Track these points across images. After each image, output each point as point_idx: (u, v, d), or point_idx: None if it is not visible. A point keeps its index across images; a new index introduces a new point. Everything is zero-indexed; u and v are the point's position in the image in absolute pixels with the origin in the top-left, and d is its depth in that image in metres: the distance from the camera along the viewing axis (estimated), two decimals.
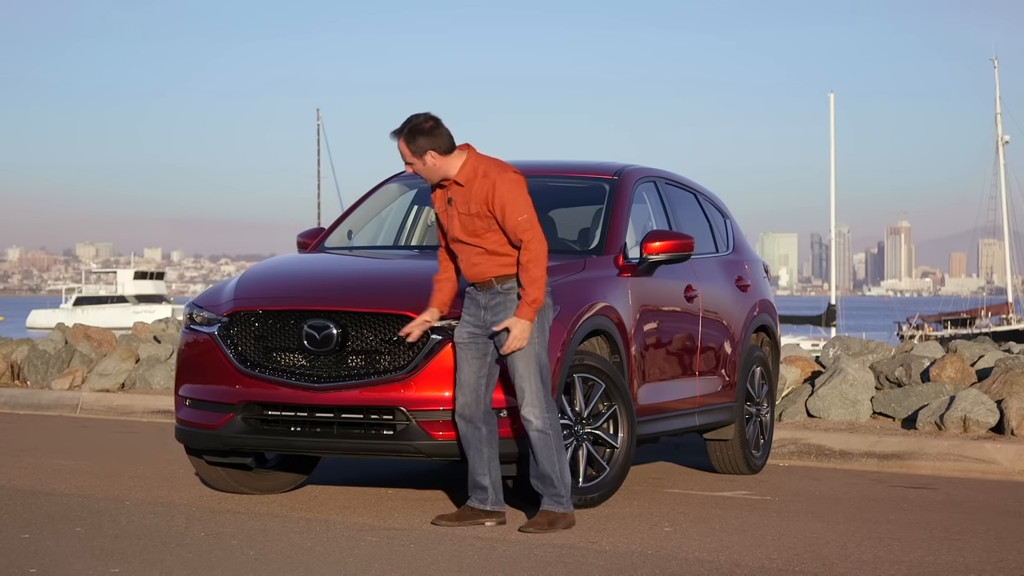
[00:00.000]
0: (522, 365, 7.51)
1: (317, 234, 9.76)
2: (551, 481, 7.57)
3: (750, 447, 10.22)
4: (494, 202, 7.49)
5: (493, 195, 7.49)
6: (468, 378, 7.65)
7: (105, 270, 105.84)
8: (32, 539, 7.09)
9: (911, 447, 10.77)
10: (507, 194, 7.49)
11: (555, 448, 7.56)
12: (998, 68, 69.82)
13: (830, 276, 61.81)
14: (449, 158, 7.60)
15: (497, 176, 7.53)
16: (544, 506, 7.61)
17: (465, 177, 7.60)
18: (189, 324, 8.48)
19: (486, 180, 7.54)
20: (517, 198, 7.50)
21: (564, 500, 7.58)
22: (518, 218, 7.47)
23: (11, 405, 15.39)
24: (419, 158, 7.58)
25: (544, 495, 7.61)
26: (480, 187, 7.54)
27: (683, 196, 10.28)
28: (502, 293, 7.59)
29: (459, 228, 7.61)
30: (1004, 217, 70.38)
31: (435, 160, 7.58)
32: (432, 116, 7.62)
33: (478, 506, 7.72)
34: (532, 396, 7.52)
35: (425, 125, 7.56)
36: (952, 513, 8.56)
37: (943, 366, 12.12)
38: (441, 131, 7.58)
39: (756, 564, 6.74)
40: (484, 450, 7.70)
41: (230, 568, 6.45)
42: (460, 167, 7.61)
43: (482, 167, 7.60)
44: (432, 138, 7.56)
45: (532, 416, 7.52)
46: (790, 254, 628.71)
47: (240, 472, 8.66)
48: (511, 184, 7.52)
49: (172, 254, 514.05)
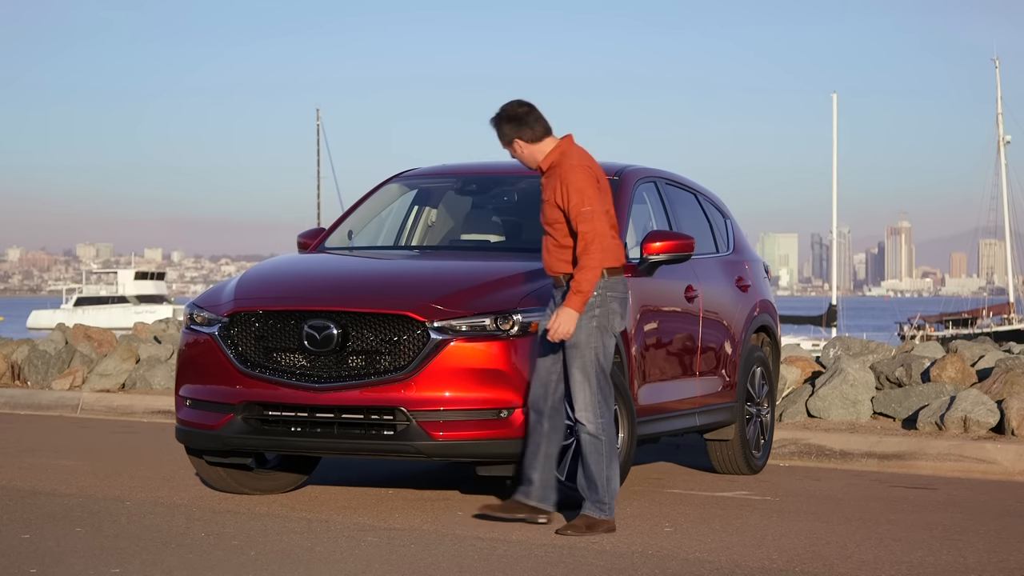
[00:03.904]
0: (578, 369, 7.49)
1: (317, 234, 9.76)
2: (596, 487, 7.52)
3: (750, 447, 10.21)
4: (562, 192, 7.51)
5: (561, 185, 7.52)
6: (540, 372, 7.67)
7: (106, 270, 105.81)
8: (32, 539, 7.09)
9: (911, 447, 10.76)
10: (573, 184, 7.50)
11: (605, 455, 7.52)
12: (999, 68, 69.84)
13: (830, 276, 61.82)
14: (538, 146, 7.66)
15: (568, 167, 7.56)
16: (585, 510, 7.54)
17: (548, 165, 7.67)
18: (189, 324, 8.48)
19: (558, 170, 7.58)
20: (583, 189, 7.49)
21: (606, 507, 7.52)
22: (581, 208, 7.47)
23: (11, 405, 15.39)
24: (508, 145, 7.68)
25: (587, 499, 7.55)
26: (555, 176, 7.59)
27: (683, 196, 10.27)
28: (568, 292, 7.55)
29: (542, 216, 7.66)
30: (1005, 217, 70.34)
31: (522, 148, 7.67)
32: (525, 103, 7.70)
33: (522, 499, 7.69)
34: (586, 401, 7.49)
35: (514, 112, 7.65)
36: (952, 513, 8.56)
37: (943, 366, 12.12)
38: (530, 119, 7.63)
39: (756, 564, 6.74)
40: (541, 444, 7.68)
41: (230, 568, 6.45)
42: (547, 155, 7.66)
43: (563, 157, 7.62)
44: (518, 126, 7.63)
45: (585, 420, 7.50)
46: (790, 254, 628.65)
47: (240, 472, 8.66)
48: (579, 175, 7.52)
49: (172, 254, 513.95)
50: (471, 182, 10.08)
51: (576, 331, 7.44)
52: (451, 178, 10.19)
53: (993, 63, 69.95)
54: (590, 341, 7.47)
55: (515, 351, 7.90)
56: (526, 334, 7.94)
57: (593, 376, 7.48)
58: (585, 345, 7.47)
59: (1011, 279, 71.49)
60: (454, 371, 7.85)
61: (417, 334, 7.89)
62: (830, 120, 61.70)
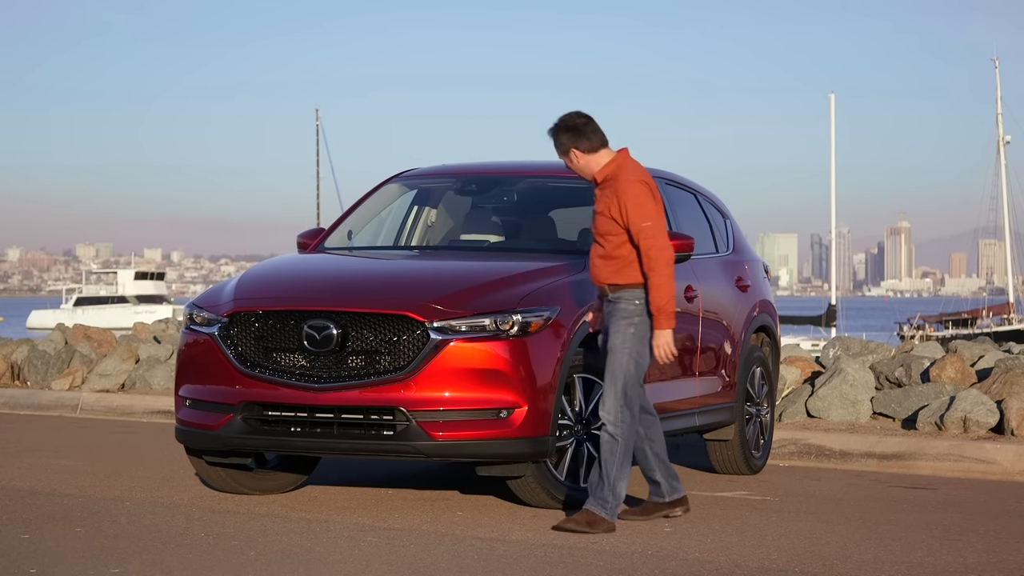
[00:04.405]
0: (610, 372, 7.70)
1: (317, 234, 9.76)
2: (603, 485, 7.64)
3: (750, 447, 10.21)
4: (620, 207, 7.64)
5: (618, 199, 7.64)
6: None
7: (105, 270, 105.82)
8: (32, 539, 7.09)
9: (911, 447, 10.77)
10: (632, 200, 7.63)
11: (619, 457, 7.65)
12: (999, 68, 69.84)
13: (830, 276, 61.81)
14: (594, 157, 7.79)
15: (625, 181, 7.69)
16: (588, 505, 7.65)
17: (603, 177, 7.79)
18: (189, 324, 8.48)
19: (615, 183, 7.70)
20: (643, 204, 7.64)
21: (609, 507, 7.63)
22: (642, 224, 7.62)
23: (11, 405, 15.38)
24: (565, 156, 7.82)
25: (592, 495, 7.67)
26: (610, 189, 7.71)
27: (683, 196, 10.27)
28: (611, 302, 7.78)
29: (594, 226, 7.82)
30: (1005, 217, 70.34)
31: (578, 158, 7.80)
32: (584, 114, 7.83)
33: (657, 499, 7.97)
34: (611, 402, 7.68)
35: (572, 122, 7.79)
36: (952, 513, 8.56)
37: (943, 366, 12.12)
38: (587, 130, 7.77)
39: (756, 564, 6.74)
40: (646, 448, 7.92)
41: (230, 568, 6.45)
42: (603, 167, 7.78)
43: (616, 171, 7.75)
44: (576, 136, 7.77)
45: (607, 420, 7.69)
46: (790, 254, 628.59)
47: (240, 472, 8.66)
48: (636, 189, 7.66)
49: (172, 254, 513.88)
50: (471, 182, 10.08)
51: (614, 335, 7.68)
52: (451, 178, 10.19)
53: (993, 63, 69.98)
54: (625, 346, 7.68)
55: (515, 351, 7.90)
56: (526, 334, 7.95)
57: (621, 380, 7.66)
58: (620, 350, 7.68)
59: (1011, 279, 71.49)
60: (454, 371, 7.85)
61: (417, 334, 7.89)
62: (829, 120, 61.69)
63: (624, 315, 7.70)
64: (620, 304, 7.74)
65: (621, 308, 7.73)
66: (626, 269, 7.70)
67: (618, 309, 7.74)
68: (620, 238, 7.68)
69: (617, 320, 7.71)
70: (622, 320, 7.69)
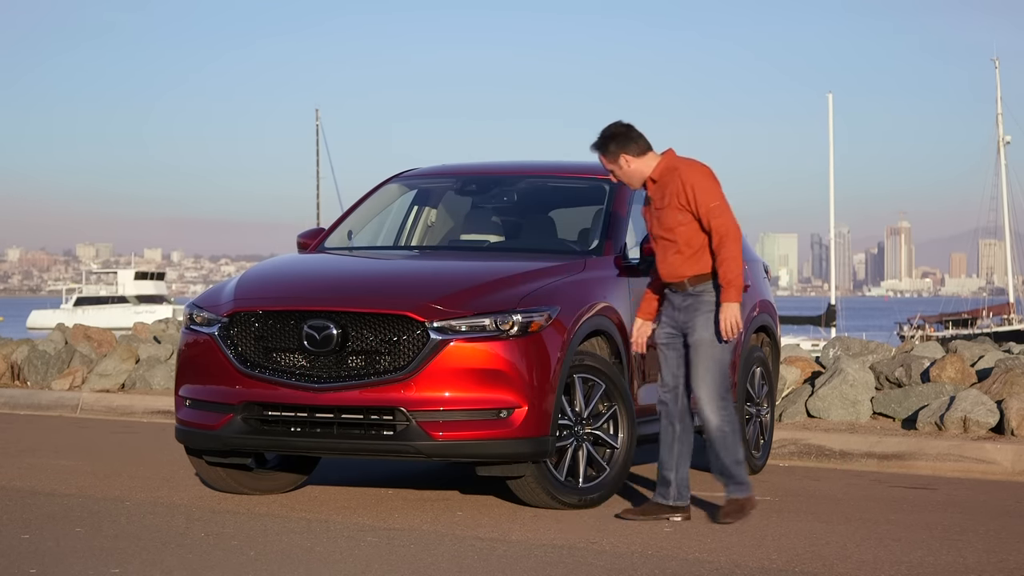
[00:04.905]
0: (702, 367, 7.85)
1: (317, 234, 9.76)
2: (732, 473, 7.93)
3: (750, 447, 10.21)
4: (686, 192, 7.81)
5: (684, 185, 7.82)
6: (667, 378, 8.00)
7: (105, 270, 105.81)
8: (32, 539, 7.09)
9: (911, 447, 10.76)
10: (698, 183, 7.83)
11: (731, 443, 7.91)
12: (999, 68, 69.84)
13: (830, 276, 61.78)
14: (643, 159, 7.96)
15: (687, 168, 7.89)
16: (730, 494, 7.96)
17: (659, 174, 7.95)
18: (189, 324, 8.48)
19: (677, 173, 7.87)
20: (709, 187, 7.84)
21: (745, 486, 7.96)
22: (710, 204, 7.80)
23: (11, 405, 15.38)
24: (614, 163, 7.96)
25: (728, 484, 7.96)
26: (672, 180, 7.87)
27: None
28: (693, 295, 7.91)
29: (657, 226, 7.96)
30: (1005, 217, 70.33)
31: (628, 162, 7.96)
32: (624, 123, 8.02)
33: (661, 501, 8.01)
34: (709, 397, 7.85)
35: (618, 130, 7.97)
36: (952, 513, 8.56)
37: (943, 366, 12.12)
38: (632, 135, 7.96)
39: (756, 564, 6.74)
40: (675, 447, 8.02)
41: (230, 568, 6.45)
42: (656, 166, 7.94)
43: (674, 163, 7.94)
44: (624, 142, 7.94)
45: (710, 416, 7.86)
46: (790, 254, 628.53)
47: (240, 472, 8.66)
48: (700, 173, 7.88)
49: (172, 254, 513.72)
50: (471, 182, 10.08)
51: (702, 328, 7.84)
52: (451, 178, 10.20)
53: (993, 63, 69.97)
54: (716, 338, 7.82)
55: (515, 351, 7.90)
56: (526, 334, 7.95)
57: (716, 372, 7.86)
58: (711, 343, 7.83)
59: (1011, 279, 71.47)
60: (454, 371, 7.85)
61: (417, 334, 7.89)
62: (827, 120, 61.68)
63: (709, 307, 7.87)
64: (705, 296, 7.91)
65: (706, 300, 7.90)
66: (703, 256, 7.88)
67: (703, 302, 7.90)
68: (691, 227, 7.84)
69: (703, 313, 7.86)
70: (708, 313, 7.86)
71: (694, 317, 7.88)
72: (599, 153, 8.01)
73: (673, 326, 7.98)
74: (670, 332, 8.00)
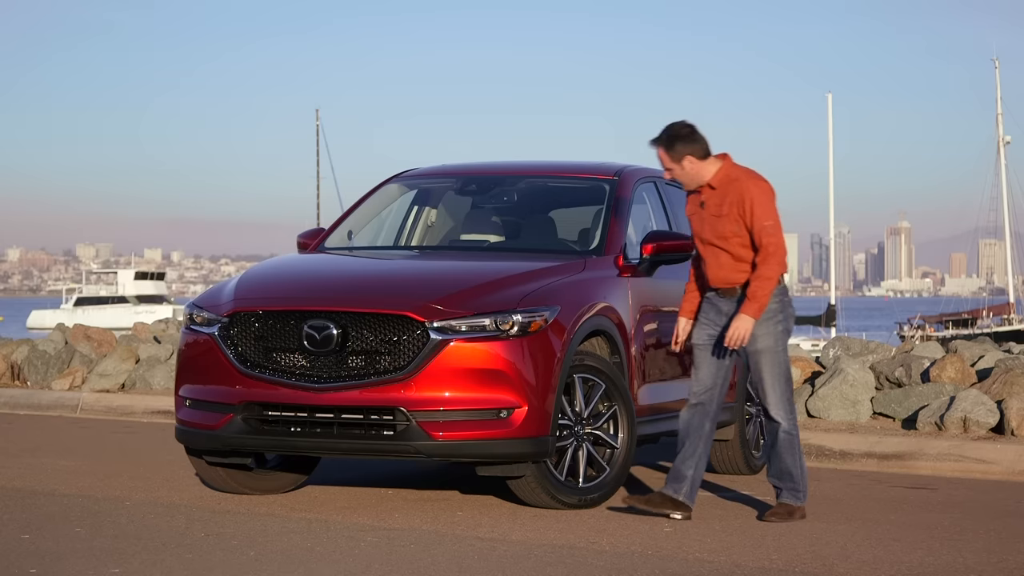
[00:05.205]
0: (768, 371, 7.98)
1: (317, 234, 9.76)
2: (791, 476, 8.08)
3: (750, 447, 10.21)
4: (745, 205, 7.89)
5: (744, 199, 7.90)
6: (705, 379, 8.11)
7: (105, 270, 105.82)
8: (32, 539, 7.09)
9: (911, 447, 10.76)
10: (758, 198, 7.92)
11: (796, 447, 8.09)
12: (999, 68, 69.83)
13: (830, 276, 61.79)
14: (705, 163, 8.02)
15: (750, 182, 7.97)
16: (783, 499, 8.10)
17: (719, 181, 8.01)
18: (189, 324, 8.48)
19: (738, 184, 7.95)
20: (767, 204, 7.93)
21: (801, 494, 8.10)
22: (765, 222, 7.90)
23: (11, 405, 15.38)
24: (678, 163, 8.01)
25: (783, 489, 8.10)
26: (733, 191, 7.95)
27: (683, 196, 10.23)
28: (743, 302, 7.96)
29: (709, 230, 8.03)
30: (1005, 217, 70.33)
31: (692, 165, 8.01)
32: (689, 123, 8.08)
33: (671, 494, 8.04)
34: (778, 400, 8.01)
35: (683, 131, 8.01)
36: (952, 513, 8.56)
37: (943, 366, 12.12)
38: (697, 137, 8.02)
39: (756, 564, 6.74)
40: (699, 445, 8.09)
41: (230, 568, 6.45)
42: (715, 172, 8.01)
43: (735, 172, 8.01)
44: (689, 144, 7.98)
45: (780, 418, 8.03)
46: (790, 254, 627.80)
47: (240, 472, 8.66)
48: (763, 191, 7.96)
49: (172, 254, 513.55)
50: (471, 182, 10.08)
51: (764, 337, 7.95)
52: (451, 178, 10.20)
53: (993, 63, 69.96)
54: (778, 344, 7.98)
55: (515, 351, 7.90)
56: (526, 334, 7.95)
57: (783, 377, 8.00)
58: (775, 349, 7.97)
59: (1011, 279, 71.45)
60: (454, 371, 7.85)
61: (417, 334, 7.89)
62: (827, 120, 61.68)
63: (767, 315, 7.95)
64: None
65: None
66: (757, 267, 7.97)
67: None
68: (746, 238, 7.93)
69: (762, 321, 7.95)
70: (767, 320, 7.95)
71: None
72: (662, 149, 8.01)
73: (716, 327, 8.07)
74: (711, 335, 8.08)
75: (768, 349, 7.97)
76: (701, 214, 8.06)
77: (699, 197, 8.09)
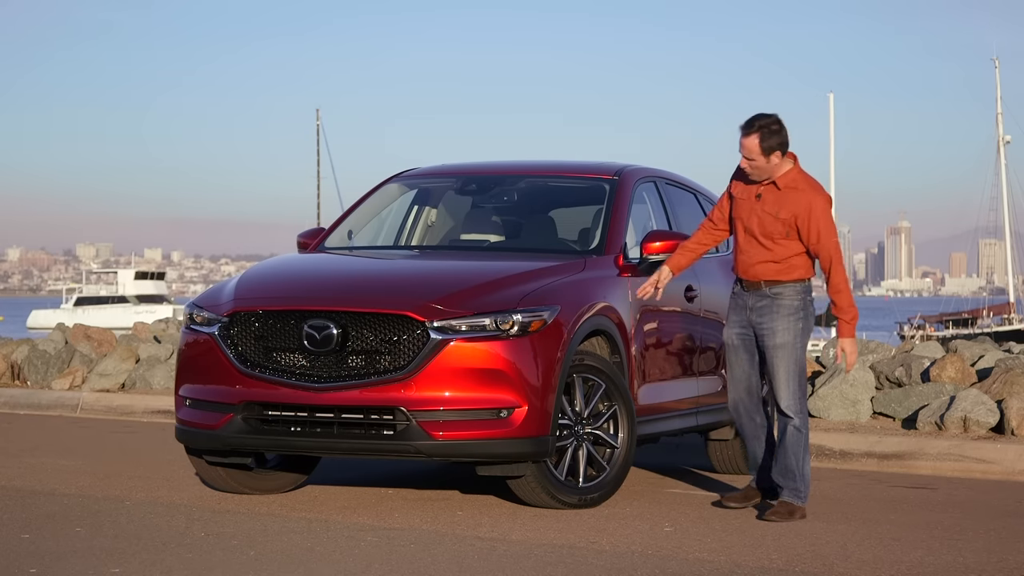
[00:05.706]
0: (784, 366, 8.09)
1: (317, 234, 9.76)
2: (795, 475, 8.11)
3: None
4: (808, 218, 8.00)
5: (809, 213, 8.00)
6: (740, 376, 8.26)
7: (106, 270, 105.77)
8: (32, 539, 7.09)
9: (911, 447, 10.76)
10: (823, 216, 8.05)
11: (803, 446, 8.13)
12: (999, 68, 69.84)
13: None
14: (783, 162, 8.11)
15: (816, 195, 8.08)
16: (784, 497, 8.13)
17: (785, 183, 8.10)
18: (189, 324, 8.48)
19: (804, 195, 8.06)
20: (831, 223, 8.09)
21: (802, 494, 8.13)
22: (831, 240, 8.06)
23: (11, 405, 15.38)
24: (766, 156, 8.03)
25: (785, 487, 8.13)
26: (796, 199, 8.05)
27: (683, 196, 10.27)
28: (769, 297, 8.13)
29: (757, 225, 8.12)
30: (1005, 217, 70.35)
31: (778, 160, 8.06)
32: (779, 119, 8.13)
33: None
34: (791, 395, 8.10)
35: (777, 127, 8.06)
36: (952, 513, 8.56)
37: (943, 366, 12.12)
38: (786, 134, 8.10)
39: (756, 564, 6.74)
40: (762, 437, 8.28)
41: (230, 568, 6.45)
42: (785, 172, 8.10)
43: (802, 180, 8.10)
44: (782, 141, 8.07)
45: (792, 413, 8.10)
46: None
47: (240, 472, 8.66)
48: (826, 207, 8.07)
49: (172, 254, 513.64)
50: (471, 182, 10.08)
51: (784, 332, 8.08)
52: (451, 178, 10.19)
53: (993, 63, 69.97)
54: (797, 341, 8.10)
55: (515, 351, 7.90)
56: (526, 334, 7.95)
57: (797, 374, 8.09)
58: (793, 345, 8.08)
59: (1011, 279, 71.47)
60: (454, 371, 7.85)
61: (417, 334, 7.89)
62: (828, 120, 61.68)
63: (789, 311, 8.06)
64: (783, 301, 8.11)
65: (784, 305, 8.10)
66: (792, 271, 8.11)
67: (781, 305, 8.11)
68: (792, 246, 8.05)
69: (783, 316, 8.06)
70: (789, 316, 8.06)
71: (772, 320, 8.11)
72: (756, 139, 8.01)
73: (744, 325, 8.19)
74: (741, 333, 8.21)
75: (787, 344, 8.07)
76: (754, 205, 8.13)
77: (757, 188, 8.15)
